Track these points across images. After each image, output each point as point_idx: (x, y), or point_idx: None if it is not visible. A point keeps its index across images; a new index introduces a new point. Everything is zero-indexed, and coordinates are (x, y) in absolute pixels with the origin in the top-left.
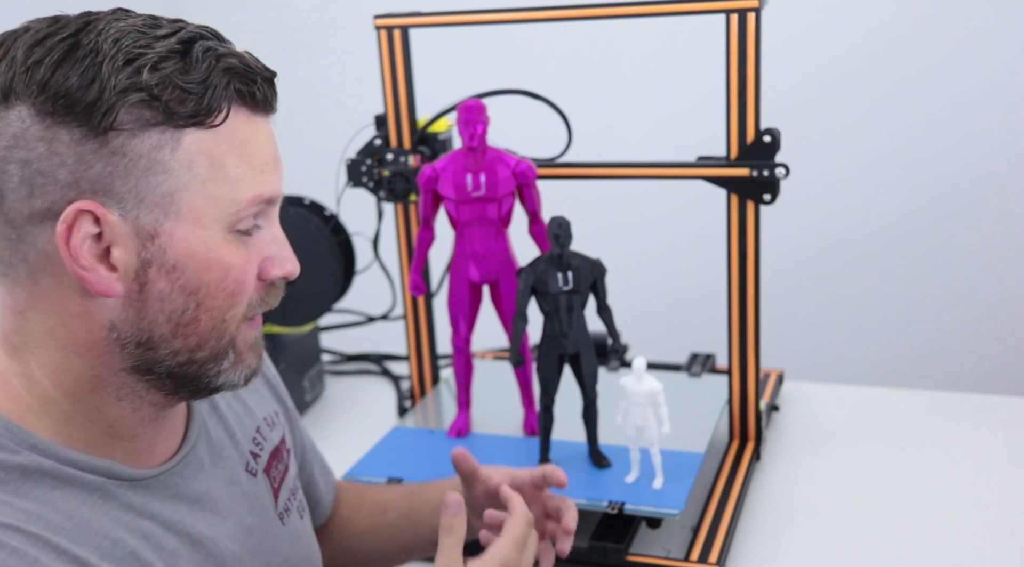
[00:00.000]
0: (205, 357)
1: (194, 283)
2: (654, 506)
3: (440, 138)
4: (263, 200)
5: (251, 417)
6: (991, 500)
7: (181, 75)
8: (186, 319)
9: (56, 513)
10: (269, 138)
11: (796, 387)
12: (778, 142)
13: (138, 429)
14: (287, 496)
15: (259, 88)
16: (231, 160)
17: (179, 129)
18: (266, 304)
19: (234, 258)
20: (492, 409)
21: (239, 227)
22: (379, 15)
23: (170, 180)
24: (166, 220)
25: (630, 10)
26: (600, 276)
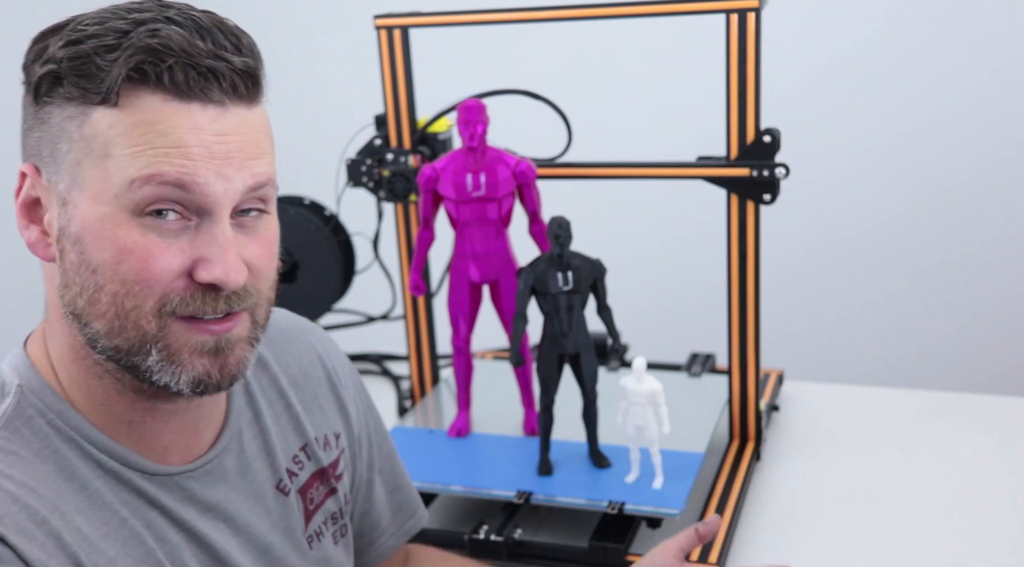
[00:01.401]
0: (125, 347)
1: (93, 260)
2: (654, 506)
3: (440, 138)
4: (163, 181)
5: (300, 434)
6: (991, 500)
7: (103, 54)
8: (93, 298)
9: (72, 481)
10: (193, 125)
11: (796, 387)
12: (778, 142)
13: (133, 416)
14: (322, 520)
15: (173, 71)
16: (129, 139)
17: (90, 105)
18: (195, 307)
19: (132, 242)
20: (492, 409)
21: (147, 212)
22: (379, 15)
23: (75, 151)
24: (73, 189)
25: (630, 10)
26: (600, 276)
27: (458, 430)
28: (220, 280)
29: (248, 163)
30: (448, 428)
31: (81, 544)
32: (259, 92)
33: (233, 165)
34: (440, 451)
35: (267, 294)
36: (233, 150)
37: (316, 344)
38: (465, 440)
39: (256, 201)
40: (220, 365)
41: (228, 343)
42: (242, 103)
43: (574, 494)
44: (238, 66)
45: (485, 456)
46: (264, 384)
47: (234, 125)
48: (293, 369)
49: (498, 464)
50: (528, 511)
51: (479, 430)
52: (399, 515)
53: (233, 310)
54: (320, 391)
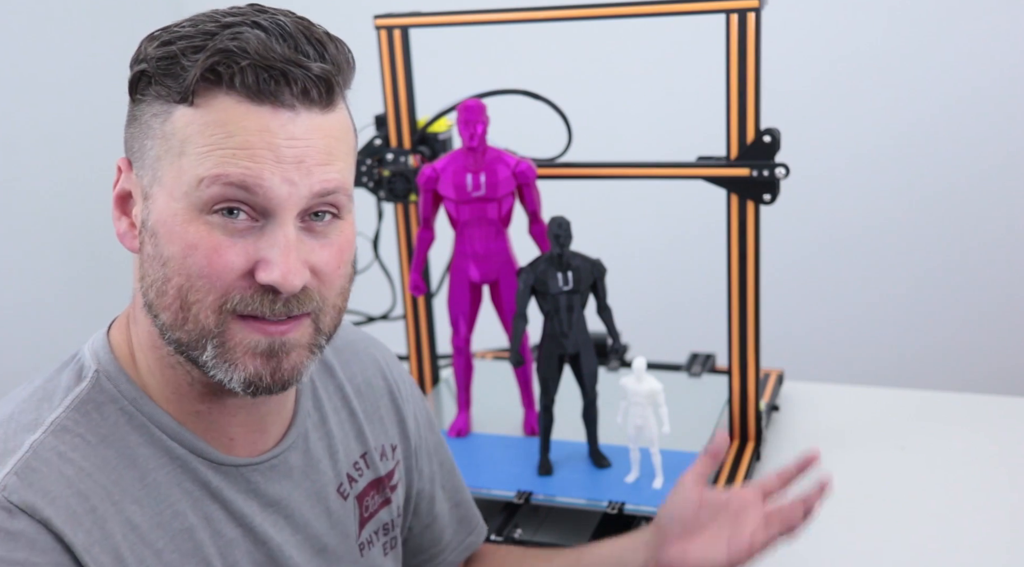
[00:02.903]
0: (186, 340)
1: (165, 253)
2: (654, 506)
3: (440, 138)
4: (228, 182)
5: (361, 442)
6: (991, 500)
7: (189, 55)
8: (161, 290)
9: (132, 469)
10: (262, 127)
11: (796, 387)
12: (778, 142)
13: (201, 406)
14: (375, 529)
15: (245, 74)
16: (201, 138)
17: (173, 104)
18: (254, 307)
19: (199, 239)
20: (492, 409)
21: (212, 208)
22: (379, 15)
23: (157, 147)
24: (154, 184)
25: (630, 10)
26: (600, 276)
27: (458, 430)
28: (277, 283)
29: (317, 169)
30: (448, 428)
31: (128, 534)
32: (334, 99)
33: (301, 170)
34: None
35: (334, 301)
36: (302, 154)
37: (379, 357)
38: (465, 440)
39: (327, 206)
40: (273, 368)
41: (284, 346)
42: (315, 108)
43: (574, 494)
44: (314, 71)
45: (485, 456)
46: (331, 390)
47: (304, 130)
48: (358, 379)
49: (498, 464)
50: (528, 511)
51: (479, 430)
52: (460, 530)
53: (292, 314)
54: (382, 403)
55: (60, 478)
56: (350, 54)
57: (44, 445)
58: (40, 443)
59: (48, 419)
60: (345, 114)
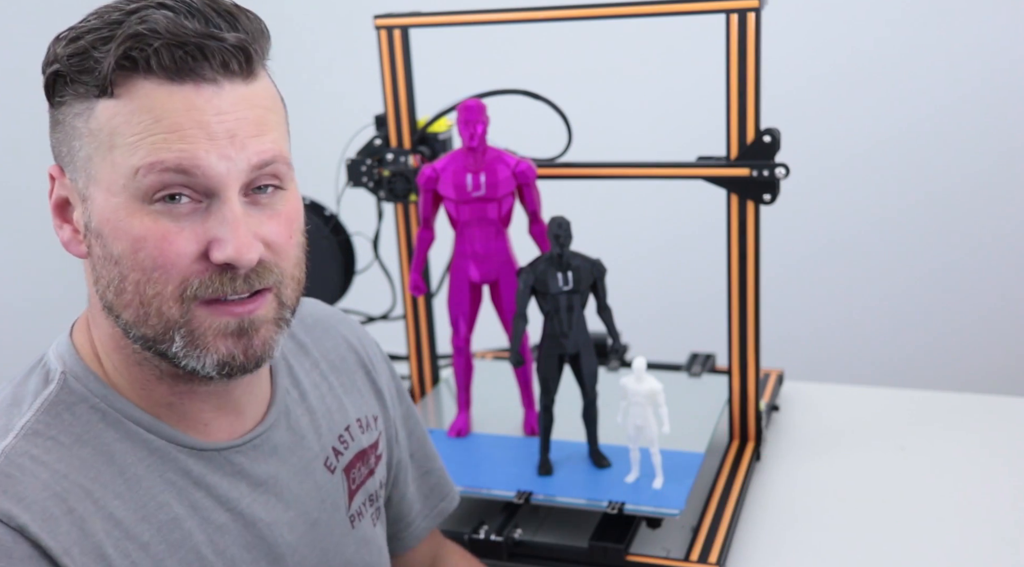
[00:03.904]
0: (151, 336)
1: (114, 252)
2: (654, 506)
3: (440, 138)
4: (165, 168)
5: (343, 414)
6: (991, 500)
7: (100, 47)
8: (118, 289)
9: (110, 465)
10: (188, 106)
11: (796, 387)
12: (778, 142)
13: (172, 398)
14: (363, 500)
15: (160, 54)
16: (129, 127)
17: (93, 99)
18: (215, 289)
19: (146, 230)
20: (492, 409)
21: (154, 197)
22: (379, 15)
23: (86, 147)
24: (89, 185)
25: (630, 10)
26: (600, 276)
27: (458, 430)
28: (233, 259)
29: (250, 141)
30: (448, 428)
31: (111, 531)
32: (255, 67)
33: (236, 144)
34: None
35: (291, 272)
36: (233, 128)
37: (348, 332)
38: (465, 440)
39: (268, 177)
40: (244, 346)
41: (252, 324)
42: (238, 80)
43: (574, 494)
44: (230, 42)
45: (485, 456)
46: (307, 367)
47: (231, 103)
48: (332, 355)
49: (498, 464)
50: (528, 511)
51: (479, 430)
52: (431, 498)
53: (254, 288)
54: (357, 376)
55: (34, 482)
56: (263, 24)
57: (16, 450)
58: (12, 449)
59: (18, 424)
60: (269, 83)
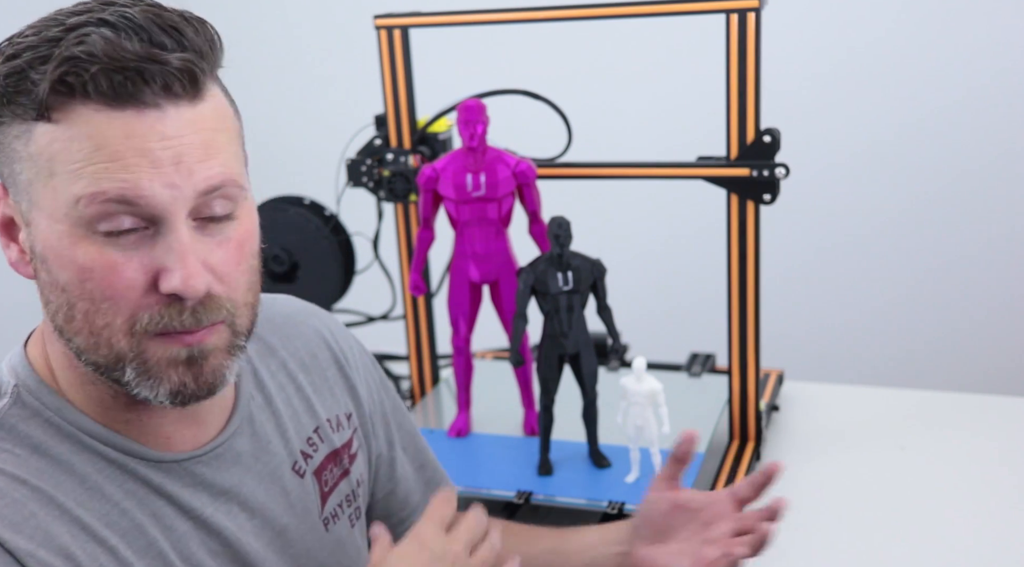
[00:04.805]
0: (103, 363)
1: (60, 279)
2: None
3: (440, 138)
4: (107, 199)
5: (312, 416)
6: (991, 500)
7: (37, 66)
8: (67, 316)
9: (70, 475)
10: (128, 132)
11: (796, 387)
12: (778, 142)
13: (130, 415)
14: (338, 502)
15: (97, 80)
16: (68, 154)
17: (31, 121)
18: (166, 322)
19: (91, 260)
20: (492, 409)
21: (100, 227)
22: (379, 15)
23: (26, 171)
24: (32, 209)
25: (630, 10)
26: (600, 276)
27: (458, 430)
28: (179, 290)
29: (197, 166)
30: (448, 428)
31: (77, 534)
32: (200, 88)
33: (181, 171)
34: (440, 451)
35: (243, 299)
36: (179, 154)
37: (321, 327)
38: (465, 440)
39: (219, 201)
40: (195, 375)
41: (202, 353)
42: (182, 102)
43: (574, 494)
44: (173, 65)
45: (485, 456)
46: (273, 369)
47: (175, 127)
48: (301, 353)
49: (498, 464)
50: (528, 511)
51: (479, 430)
52: (428, 492)
53: (202, 324)
54: (329, 373)
55: None
56: (214, 34)
57: None
58: None
59: None
60: (219, 100)
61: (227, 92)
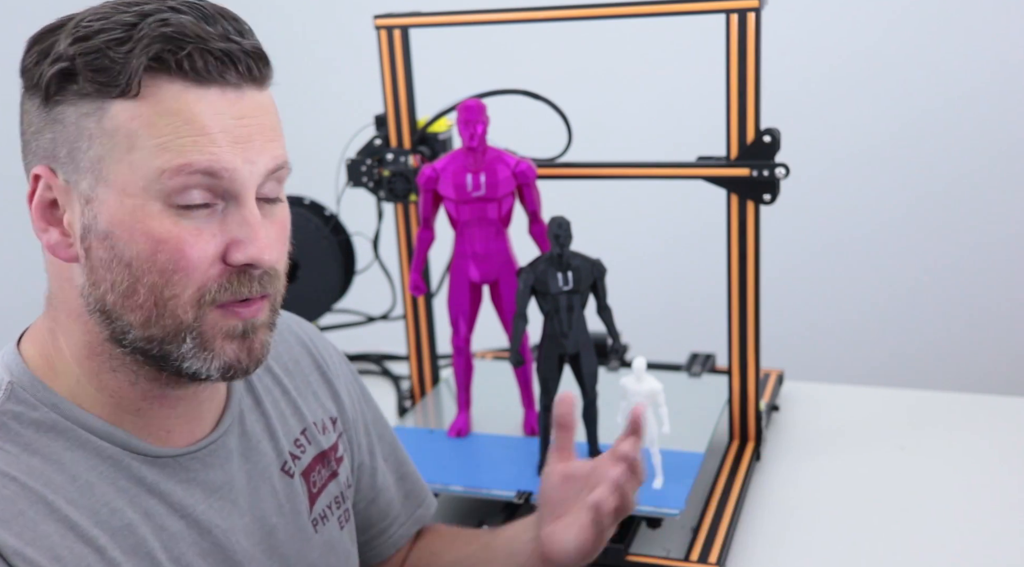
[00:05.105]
0: (160, 336)
1: (127, 254)
2: (654, 506)
3: (440, 138)
4: (194, 170)
5: (299, 418)
6: (991, 500)
7: (115, 47)
8: (127, 291)
9: (61, 473)
10: (215, 110)
11: (796, 387)
12: (778, 142)
13: (142, 404)
14: (327, 503)
15: (192, 58)
16: (154, 130)
17: (108, 99)
18: (234, 291)
19: (167, 232)
20: (492, 409)
21: (176, 201)
22: (379, 15)
23: (95, 147)
24: (97, 186)
25: (630, 10)
26: (600, 276)
27: (458, 430)
28: (255, 259)
29: (267, 145)
30: (448, 428)
31: (65, 534)
32: (269, 74)
33: (255, 148)
34: (440, 451)
35: (282, 279)
36: (254, 133)
37: (301, 334)
38: (465, 440)
39: (274, 183)
40: (248, 349)
41: (254, 327)
42: (255, 86)
43: None
44: (249, 48)
45: (485, 456)
46: (260, 372)
47: (251, 108)
48: (284, 358)
49: (498, 464)
50: (528, 511)
51: (479, 430)
52: (408, 503)
53: (266, 291)
54: (312, 378)
55: None
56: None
57: None
58: None
59: None
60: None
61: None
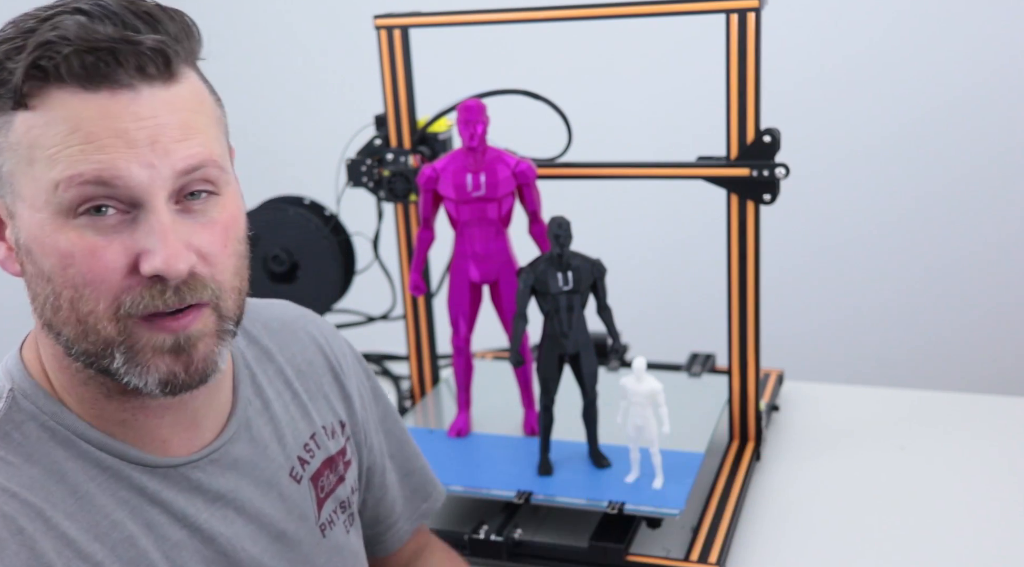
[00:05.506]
0: (92, 351)
1: (44, 269)
2: (654, 506)
3: (440, 138)
4: (84, 181)
5: (308, 423)
6: (991, 500)
7: (14, 56)
8: (54, 306)
9: (62, 484)
10: (104, 114)
11: (796, 387)
12: (778, 142)
13: (124, 415)
14: (334, 508)
15: (70, 61)
16: (46, 139)
17: (11, 111)
18: (147, 303)
19: (72, 245)
20: (492, 409)
21: (78, 210)
22: (379, 15)
23: (7, 162)
24: (16, 201)
25: (630, 10)
26: (600, 276)
27: (458, 430)
28: (161, 270)
29: (175, 146)
30: (448, 428)
31: (62, 551)
32: (175, 70)
33: (158, 150)
34: (440, 451)
35: (230, 283)
36: (154, 134)
37: (316, 334)
38: (465, 440)
39: (200, 183)
40: (185, 363)
41: (189, 340)
42: (156, 83)
43: (574, 494)
44: (146, 45)
45: (485, 456)
46: (271, 374)
47: (150, 108)
48: (297, 359)
49: (498, 464)
50: (528, 511)
51: (479, 430)
52: (413, 499)
53: (186, 302)
54: (324, 380)
55: None
56: (191, 23)
57: None
58: None
59: None
60: (197, 85)
61: (207, 81)
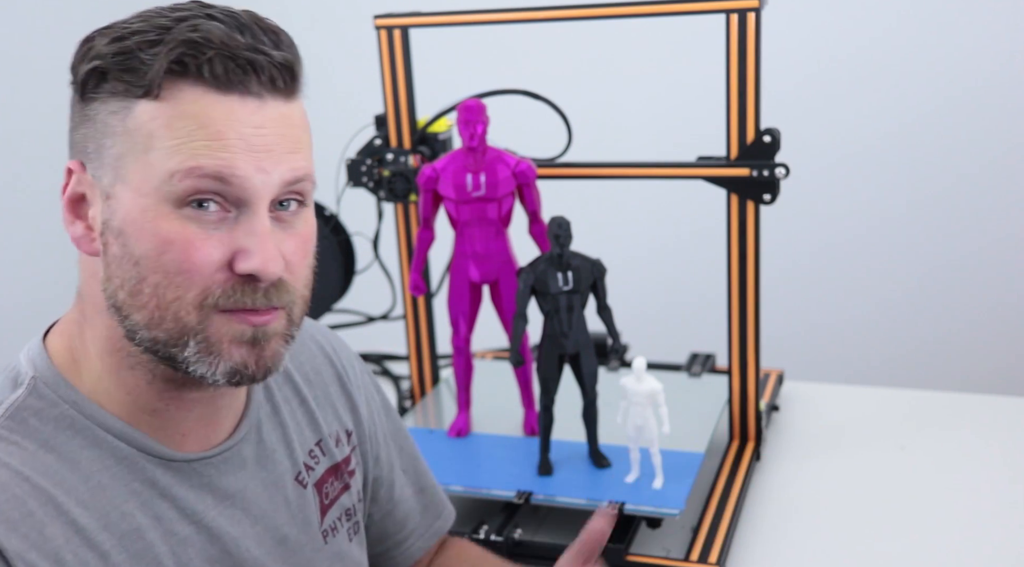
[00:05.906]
0: (164, 338)
1: (136, 252)
2: (654, 506)
3: (440, 138)
4: (203, 174)
5: (315, 429)
6: (991, 500)
7: (146, 49)
8: (134, 290)
9: (75, 472)
10: (232, 117)
11: (796, 387)
12: (778, 142)
13: (158, 404)
14: (338, 515)
15: (213, 63)
16: (170, 131)
17: (133, 99)
18: (235, 299)
19: (174, 233)
20: (492, 409)
21: (185, 201)
22: (379, 15)
23: (118, 145)
24: (116, 183)
25: (630, 10)
26: (600, 276)
27: (458, 430)
28: (258, 270)
29: (286, 157)
30: (448, 428)
31: (71, 537)
32: (297, 87)
33: (272, 158)
34: (440, 451)
35: (302, 292)
36: (271, 143)
37: (324, 343)
38: (465, 440)
39: (294, 195)
40: (256, 356)
41: (265, 335)
42: (280, 97)
43: (574, 494)
44: (277, 60)
45: (485, 456)
46: (280, 381)
47: (272, 118)
48: (306, 367)
49: (498, 464)
50: (528, 511)
51: (479, 430)
52: (427, 516)
53: (271, 304)
54: (332, 389)
55: None
56: (297, 49)
57: None
58: None
59: None
60: (303, 107)
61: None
